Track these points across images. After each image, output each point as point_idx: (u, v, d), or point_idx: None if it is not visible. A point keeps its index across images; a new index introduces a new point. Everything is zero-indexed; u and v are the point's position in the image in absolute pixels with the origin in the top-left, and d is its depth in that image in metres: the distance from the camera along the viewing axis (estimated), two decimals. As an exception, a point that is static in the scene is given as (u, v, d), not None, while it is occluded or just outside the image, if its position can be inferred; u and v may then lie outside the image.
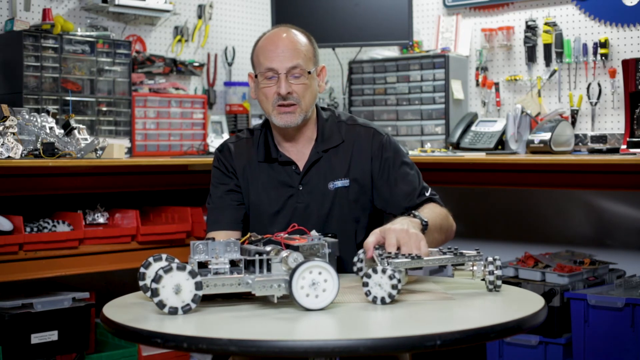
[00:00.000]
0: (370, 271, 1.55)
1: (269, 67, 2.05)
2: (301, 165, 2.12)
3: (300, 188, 2.11)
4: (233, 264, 1.55)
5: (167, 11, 3.69)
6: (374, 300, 1.56)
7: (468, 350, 3.25)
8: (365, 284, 1.56)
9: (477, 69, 3.87)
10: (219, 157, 2.18)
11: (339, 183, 2.11)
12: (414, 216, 1.89)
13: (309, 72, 2.07)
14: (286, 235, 1.64)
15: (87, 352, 3.04)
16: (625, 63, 3.26)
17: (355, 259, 1.83)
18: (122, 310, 1.57)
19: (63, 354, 2.96)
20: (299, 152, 2.14)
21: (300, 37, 2.10)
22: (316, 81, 2.12)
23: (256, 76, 2.10)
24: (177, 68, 3.87)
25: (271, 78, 2.06)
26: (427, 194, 2.12)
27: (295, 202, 2.10)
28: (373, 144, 2.12)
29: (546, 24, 3.62)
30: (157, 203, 3.49)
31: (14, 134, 2.73)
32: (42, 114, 2.93)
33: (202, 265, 1.55)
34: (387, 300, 1.55)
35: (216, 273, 1.52)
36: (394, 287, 1.54)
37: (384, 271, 1.54)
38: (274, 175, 2.12)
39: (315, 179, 2.11)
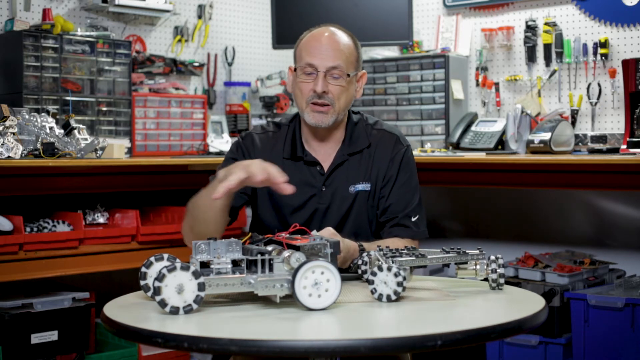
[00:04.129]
0: (375, 269, 1.56)
1: (309, 63, 2.05)
2: (326, 166, 2.12)
3: (324, 189, 2.11)
4: (235, 263, 1.55)
5: (167, 11, 3.69)
6: (380, 298, 1.56)
7: (468, 350, 3.25)
8: (371, 282, 1.56)
9: (477, 69, 3.87)
10: (240, 145, 2.15)
11: (360, 187, 2.11)
12: (360, 246, 1.91)
13: (348, 75, 2.06)
14: (287, 235, 1.64)
15: (87, 352, 3.04)
16: (625, 63, 3.26)
17: (360, 261, 1.83)
18: (123, 310, 1.57)
19: (63, 354, 2.96)
20: (326, 152, 2.13)
21: (345, 39, 2.09)
22: (354, 86, 2.12)
23: (295, 70, 2.09)
24: (177, 68, 3.87)
25: (310, 74, 2.05)
26: (412, 219, 2.10)
27: (317, 202, 2.10)
28: (393, 152, 2.13)
29: (546, 24, 3.62)
30: (157, 203, 3.48)
31: (14, 134, 2.73)
32: (42, 114, 2.93)
33: (204, 264, 1.55)
34: (393, 297, 1.55)
35: (218, 273, 1.52)
36: (399, 284, 1.54)
37: (389, 269, 1.54)
38: (298, 173, 2.11)
39: (338, 181, 2.11)
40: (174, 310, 1.46)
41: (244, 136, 2.19)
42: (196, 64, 3.97)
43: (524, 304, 1.59)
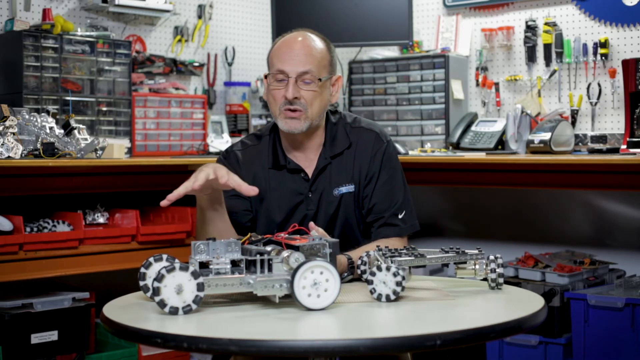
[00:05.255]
0: (374, 269, 1.56)
1: (279, 69, 2.03)
2: (310, 171, 2.10)
3: (310, 195, 2.09)
4: (234, 264, 1.55)
5: (167, 11, 3.69)
6: (379, 298, 1.56)
7: (468, 350, 3.25)
8: (370, 282, 1.56)
9: (477, 69, 3.87)
10: (225, 164, 2.11)
11: (344, 189, 2.09)
12: (349, 259, 1.90)
13: (320, 80, 2.04)
14: (286, 235, 1.64)
15: (87, 352, 3.04)
16: (625, 63, 3.26)
17: (359, 262, 1.83)
18: (122, 310, 1.57)
19: (63, 354, 2.96)
20: (308, 158, 2.11)
21: (317, 43, 2.07)
22: (329, 90, 2.09)
23: (267, 77, 2.08)
24: (177, 68, 3.87)
25: (281, 81, 2.03)
26: (400, 216, 2.09)
27: (305, 209, 2.09)
28: (374, 150, 2.11)
29: (546, 24, 3.62)
30: (157, 203, 3.46)
31: (14, 134, 2.73)
32: (42, 114, 2.93)
33: (203, 265, 1.55)
34: (392, 297, 1.55)
35: (217, 273, 1.52)
36: (398, 284, 1.55)
37: (388, 269, 1.55)
38: (284, 182, 2.10)
39: (323, 186, 2.10)
40: (173, 311, 1.46)
41: (226, 155, 2.17)
42: (196, 64, 3.97)
43: (524, 303, 1.60)
